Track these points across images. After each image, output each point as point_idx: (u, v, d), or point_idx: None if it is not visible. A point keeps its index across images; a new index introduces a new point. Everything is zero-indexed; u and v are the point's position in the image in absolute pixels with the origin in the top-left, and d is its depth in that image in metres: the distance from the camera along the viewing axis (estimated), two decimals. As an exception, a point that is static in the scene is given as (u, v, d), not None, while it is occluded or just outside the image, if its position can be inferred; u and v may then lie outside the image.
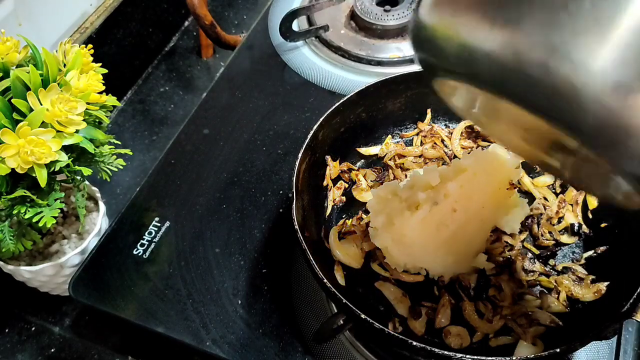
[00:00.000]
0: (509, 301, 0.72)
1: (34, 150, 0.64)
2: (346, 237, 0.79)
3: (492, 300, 0.73)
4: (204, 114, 1.02)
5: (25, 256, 0.84)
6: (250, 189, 0.92)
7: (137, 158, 1.12)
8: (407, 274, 0.76)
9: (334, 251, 0.77)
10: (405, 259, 0.74)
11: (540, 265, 0.76)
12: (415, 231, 0.72)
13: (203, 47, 1.32)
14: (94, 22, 1.13)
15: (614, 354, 0.75)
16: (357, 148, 0.88)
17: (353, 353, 0.76)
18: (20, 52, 0.72)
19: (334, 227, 0.80)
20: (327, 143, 0.82)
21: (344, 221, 0.81)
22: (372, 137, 0.89)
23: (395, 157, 0.87)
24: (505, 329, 0.71)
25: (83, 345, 0.88)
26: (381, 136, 0.89)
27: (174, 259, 0.84)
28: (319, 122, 0.78)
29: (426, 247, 0.73)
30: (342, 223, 0.81)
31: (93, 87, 0.71)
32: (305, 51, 1.12)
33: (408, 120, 0.90)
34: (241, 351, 0.76)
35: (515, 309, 0.71)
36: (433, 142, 0.88)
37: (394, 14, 1.09)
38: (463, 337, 0.71)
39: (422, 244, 0.73)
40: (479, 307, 0.73)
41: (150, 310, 0.80)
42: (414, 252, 0.73)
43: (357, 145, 0.88)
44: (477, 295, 0.74)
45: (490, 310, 0.72)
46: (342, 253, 0.76)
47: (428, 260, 0.74)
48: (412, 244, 0.73)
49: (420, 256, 0.74)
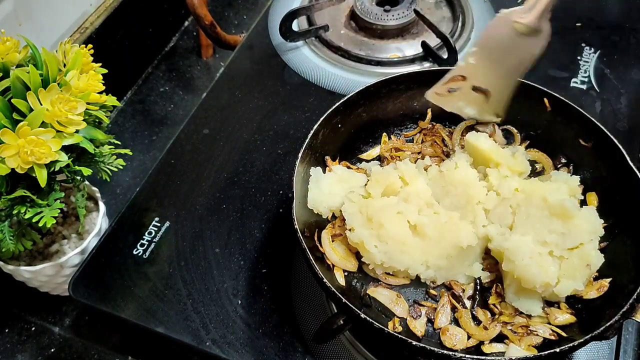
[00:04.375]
0: (510, 311, 0.72)
1: (34, 150, 0.64)
2: (335, 240, 0.77)
3: (490, 308, 0.73)
4: (204, 114, 1.02)
5: (25, 256, 0.84)
6: (250, 189, 0.92)
7: (137, 158, 1.12)
8: (392, 277, 0.75)
9: (329, 255, 0.75)
10: (382, 257, 0.72)
11: None
12: (391, 224, 0.72)
13: (203, 47, 1.32)
14: (94, 22, 1.13)
15: (614, 354, 0.76)
16: (358, 155, 0.87)
17: (353, 353, 0.76)
18: (20, 52, 0.72)
19: (326, 230, 0.78)
20: (328, 143, 0.82)
21: (333, 224, 0.79)
22: (373, 136, 0.89)
23: (392, 149, 0.87)
24: (500, 336, 0.70)
25: (83, 345, 0.88)
26: (381, 136, 0.89)
27: (174, 259, 0.84)
28: (319, 122, 0.78)
29: (404, 244, 0.72)
30: (331, 226, 0.79)
31: (93, 87, 0.71)
32: (305, 51, 1.12)
33: (408, 121, 0.90)
34: (241, 351, 0.76)
35: (516, 320, 0.71)
36: (433, 140, 0.88)
37: (394, 14, 1.09)
38: (460, 339, 0.70)
39: (399, 240, 0.72)
40: (477, 314, 0.72)
41: (150, 310, 0.80)
42: (390, 250, 0.72)
43: (357, 144, 0.88)
44: (478, 300, 0.74)
45: (489, 318, 0.72)
46: (337, 255, 0.76)
47: (407, 260, 0.72)
48: (389, 238, 0.72)
49: (397, 255, 0.72)
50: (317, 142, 0.79)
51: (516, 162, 0.80)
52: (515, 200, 0.75)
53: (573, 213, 0.71)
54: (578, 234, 0.71)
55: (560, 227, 0.71)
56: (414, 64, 1.07)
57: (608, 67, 1.07)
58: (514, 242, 0.71)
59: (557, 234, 0.71)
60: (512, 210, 0.75)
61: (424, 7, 1.14)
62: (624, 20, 1.15)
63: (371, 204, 0.75)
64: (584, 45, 1.11)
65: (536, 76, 1.05)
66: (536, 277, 0.68)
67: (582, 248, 0.70)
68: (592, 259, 0.69)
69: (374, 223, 0.73)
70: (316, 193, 0.77)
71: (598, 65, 1.07)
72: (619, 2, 1.19)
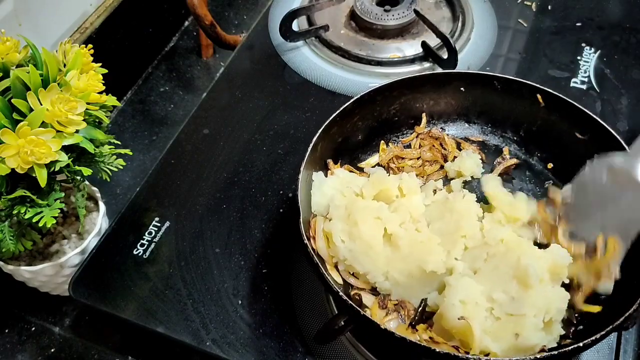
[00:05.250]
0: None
1: (34, 150, 0.64)
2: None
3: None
4: (204, 114, 1.02)
5: (25, 256, 0.84)
6: (250, 189, 0.92)
7: (137, 158, 1.12)
8: (354, 278, 0.74)
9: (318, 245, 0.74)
10: (346, 254, 0.71)
11: None
12: (365, 225, 0.71)
13: (203, 47, 1.32)
14: (94, 22, 1.13)
15: (613, 354, 0.75)
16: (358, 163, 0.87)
17: (354, 353, 0.76)
18: (20, 52, 0.72)
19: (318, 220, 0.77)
20: (327, 155, 0.83)
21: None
22: (370, 145, 0.89)
23: (394, 159, 0.87)
24: None
25: (83, 345, 0.87)
26: (378, 144, 0.89)
27: (174, 259, 0.84)
28: (318, 134, 0.78)
29: (370, 248, 0.71)
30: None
31: (93, 87, 0.71)
32: (305, 51, 1.12)
33: (404, 127, 0.90)
34: (241, 351, 0.76)
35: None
36: (431, 144, 0.88)
37: (394, 14, 1.09)
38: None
39: (367, 243, 0.71)
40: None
41: (150, 310, 0.80)
42: (355, 249, 0.71)
43: (356, 153, 0.88)
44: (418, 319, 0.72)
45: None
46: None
47: (368, 265, 0.71)
48: (358, 238, 0.71)
49: (361, 256, 0.71)
50: (317, 154, 0.79)
51: (513, 209, 0.77)
52: (495, 250, 0.72)
53: (531, 283, 0.67)
54: (525, 304, 0.67)
55: (514, 291, 0.68)
56: (414, 64, 1.07)
57: (608, 67, 1.07)
58: (462, 282, 0.69)
59: (507, 295, 0.68)
60: (485, 257, 0.72)
61: (424, 7, 1.14)
62: (624, 20, 1.15)
63: (356, 203, 0.75)
64: (584, 45, 1.11)
65: (536, 76, 1.06)
66: (454, 321, 0.66)
67: (520, 318, 0.66)
68: (525, 332, 0.66)
69: (350, 220, 0.73)
70: (319, 198, 0.77)
71: (598, 65, 1.07)
72: (619, 2, 1.19)
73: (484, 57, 1.09)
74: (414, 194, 0.78)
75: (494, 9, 1.18)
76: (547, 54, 1.10)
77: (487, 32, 1.14)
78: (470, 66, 1.07)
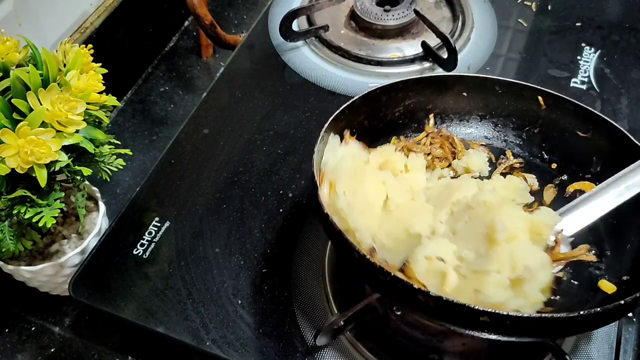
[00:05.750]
0: None
1: (34, 150, 0.64)
2: None
3: None
4: (204, 114, 1.02)
5: (25, 256, 0.84)
6: (250, 189, 0.92)
7: (137, 158, 1.12)
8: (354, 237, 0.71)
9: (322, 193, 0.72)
10: (343, 205, 0.70)
11: None
12: (370, 184, 0.72)
13: (203, 47, 1.32)
14: (94, 22, 1.13)
15: (613, 354, 0.75)
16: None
17: (354, 354, 0.76)
18: (20, 52, 0.72)
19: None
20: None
21: None
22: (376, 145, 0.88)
23: (404, 148, 0.87)
24: None
25: (83, 345, 0.87)
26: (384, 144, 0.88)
27: (174, 259, 0.84)
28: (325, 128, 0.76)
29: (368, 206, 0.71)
30: None
31: (93, 87, 0.71)
32: (305, 51, 1.12)
33: (409, 130, 0.90)
34: (241, 351, 0.76)
35: None
36: (442, 143, 0.88)
37: (394, 14, 1.09)
38: None
39: (366, 201, 0.71)
40: None
41: (150, 310, 0.80)
42: (353, 204, 0.70)
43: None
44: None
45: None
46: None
47: (360, 222, 0.69)
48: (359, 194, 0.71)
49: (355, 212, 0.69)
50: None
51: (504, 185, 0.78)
52: (477, 212, 0.71)
53: (498, 238, 0.65)
54: (489, 261, 0.65)
55: (482, 249, 0.66)
56: (414, 63, 1.07)
57: (608, 67, 1.07)
58: (435, 241, 0.68)
59: (476, 254, 0.66)
60: (467, 219, 0.71)
61: (424, 7, 1.14)
62: (624, 20, 1.15)
63: (365, 166, 0.76)
64: (584, 45, 1.11)
65: (536, 76, 1.06)
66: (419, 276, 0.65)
67: (483, 274, 0.64)
68: (486, 289, 0.63)
69: (357, 177, 0.73)
70: (330, 157, 0.75)
71: (598, 65, 1.07)
72: (619, 2, 1.19)
73: (484, 57, 1.10)
74: (418, 171, 0.79)
75: (494, 9, 1.18)
76: (547, 53, 1.10)
77: (487, 32, 1.14)
78: (470, 66, 1.08)
